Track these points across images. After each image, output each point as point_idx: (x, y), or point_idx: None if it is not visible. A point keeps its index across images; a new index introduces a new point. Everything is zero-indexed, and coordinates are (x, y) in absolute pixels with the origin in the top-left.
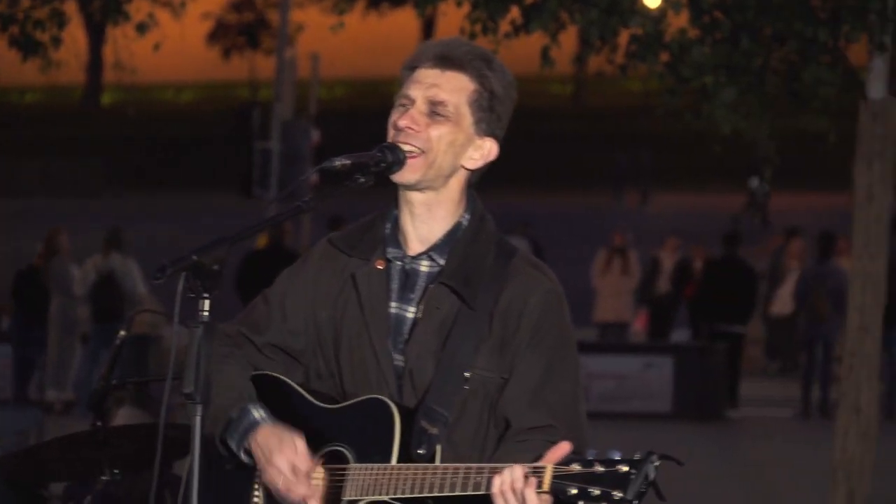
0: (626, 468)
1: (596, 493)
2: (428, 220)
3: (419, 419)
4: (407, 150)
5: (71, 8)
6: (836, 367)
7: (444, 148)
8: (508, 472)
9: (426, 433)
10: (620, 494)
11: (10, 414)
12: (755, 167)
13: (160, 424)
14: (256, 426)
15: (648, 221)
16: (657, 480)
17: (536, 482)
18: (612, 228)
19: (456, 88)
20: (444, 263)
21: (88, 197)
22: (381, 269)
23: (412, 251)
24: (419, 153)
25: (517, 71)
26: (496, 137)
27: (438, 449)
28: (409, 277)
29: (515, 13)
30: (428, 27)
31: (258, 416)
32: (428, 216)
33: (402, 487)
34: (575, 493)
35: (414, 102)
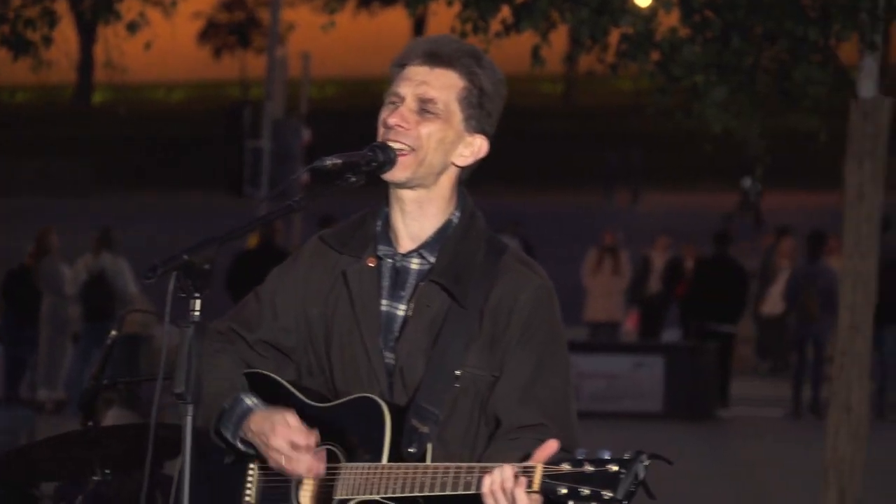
0: (615, 468)
1: (586, 492)
2: (419, 217)
3: (410, 418)
4: (397, 147)
5: (62, 7)
6: (827, 366)
7: (434, 145)
8: (498, 471)
9: (417, 432)
10: (610, 494)
11: (0, 413)
12: (747, 166)
13: (151, 424)
14: (249, 413)
15: (639, 221)
16: (647, 480)
17: (526, 482)
18: (602, 228)
19: (445, 86)
20: (434, 261)
21: (79, 196)
22: (372, 266)
23: (403, 249)
24: (409, 151)
25: (508, 70)
26: (486, 134)
27: (429, 447)
28: (399, 275)
29: (506, 12)
30: (419, 26)
31: (251, 402)
32: (419, 213)
33: (392, 487)
34: (565, 492)
35: (403, 100)
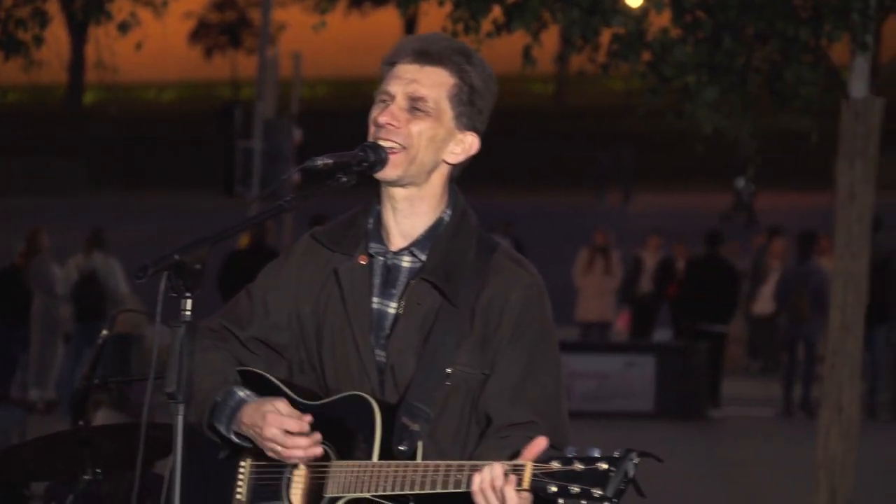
0: (605, 466)
1: (576, 490)
2: (410, 215)
3: (400, 415)
4: (388, 146)
5: (53, 7)
6: (818, 366)
7: (424, 143)
8: (488, 469)
9: (407, 430)
10: (600, 492)
11: None
12: (739, 167)
13: (142, 423)
14: (242, 405)
15: (630, 221)
16: (637, 478)
17: (516, 480)
18: (593, 228)
19: (435, 83)
20: (425, 259)
21: (70, 196)
22: (363, 264)
23: (394, 246)
24: (400, 149)
25: (499, 70)
26: (477, 131)
27: (420, 445)
28: (390, 273)
29: (497, 12)
30: (410, 26)
31: (243, 394)
32: (410, 211)
33: (383, 484)
34: (555, 490)
35: (394, 98)
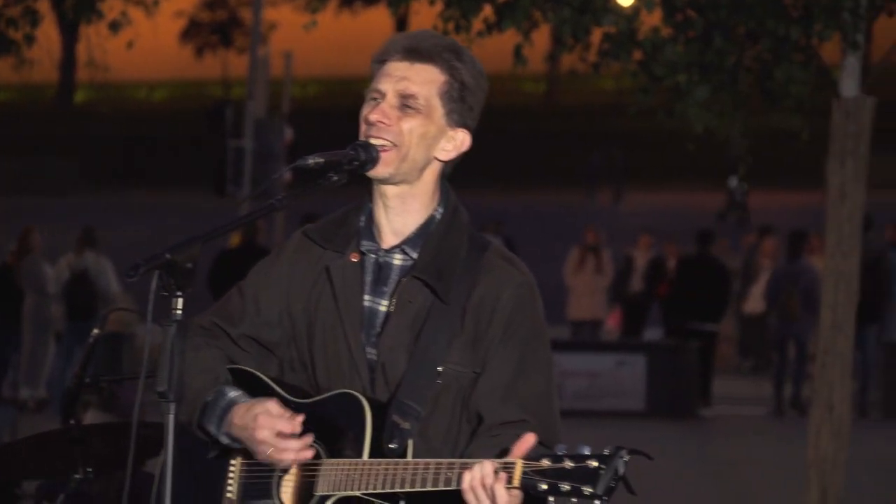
0: (595, 463)
1: (566, 488)
2: (402, 212)
3: (391, 413)
4: (379, 144)
5: (44, 6)
6: (809, 365)
7: (416, 141)
8: (478, 467)
9: (398, 427)
10: (590, 490)
11: None
12: (731, 166)
13: (133, 422)
14: (232, 406)
15: (621, 220)
16: (627, 475)
17: (506, 478)
18: (584, 227)
19: (426, 80)
20: (416, 257)
21: (61, 195)
22: (355, 261)
23: (386, 244)
24: (391, 147)
25: (490, 69)
26: (468, 128)
27: (410, 443)
28: (382, 270)
29: (488, 11)
30: (401, 25)
31: (233, 395)
32: (402, 209)
33: (373, 482)
34: (545, 488)
35: (384, 96)
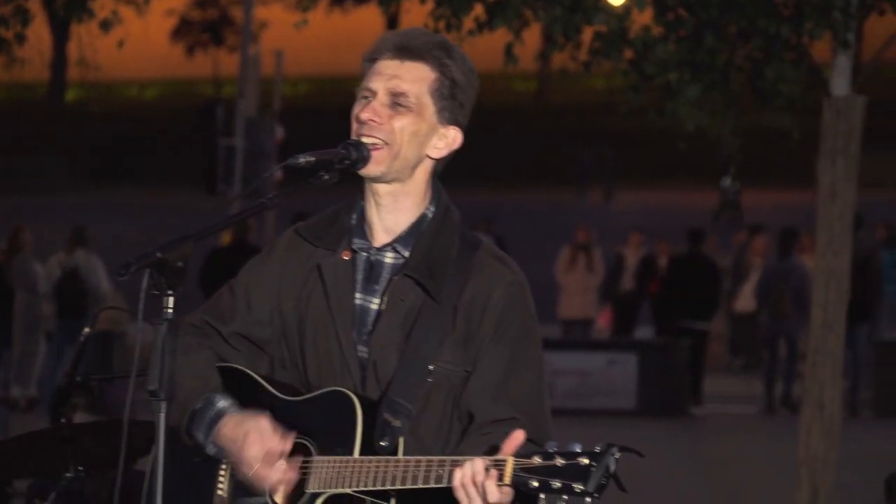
0: (586, 461)
1: (557, 485)
2: (394, 210)
3: (382, 411)
4: (370, 142)
5: (35, 5)
6: (800, 363)
7: (407, 138)
8: (469, 464)
9: (389, 425)
10: (581, 487)
11: None
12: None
13: (124, 421)
14: (221, 417)
15: (612, 219)
16: (618, 473)
17: (497, 475)
18: (575, 225)
19: (417, 78)
20: (408, 255)
21: (52, 194)
22: (346, 259)
23: (378, 242)
24: (383, 145)
25: (480, 67)
26: (460, 125)
27: (401, 441)
28: (373, 269)
29: (479, 10)
30: (392, 24)
31: (222, 405)
32: (394, 207)
33: (364, 480)
34: (536, 485)
35: (376, 94)
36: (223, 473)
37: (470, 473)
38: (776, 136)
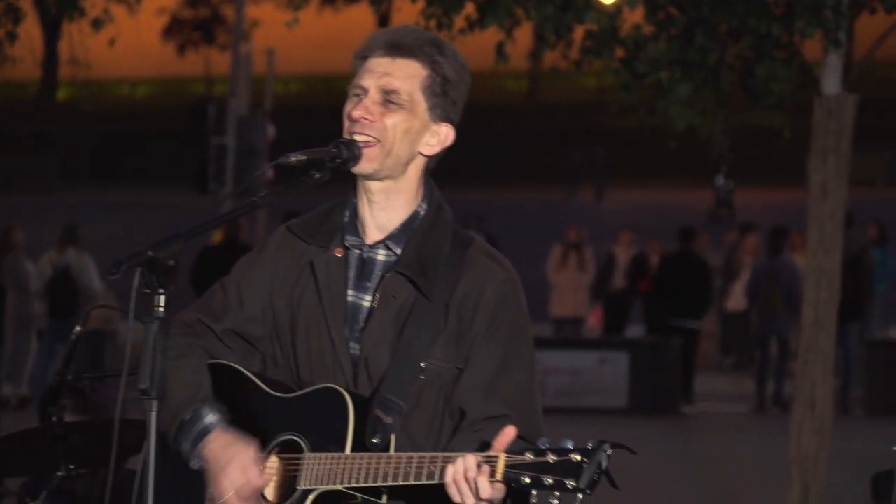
0: (578, 457)
1: (549, 481)
2: (386, 207)
3: (374, 408)
4: (363, 140)
5: (26, 4)
6: (791, 362)
7: (399, 136)
8: (461, 461)
9: (380, 422)
10: (573, 483)
11: None
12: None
13: (115, 420)
14: (208, 433)
15: (603, 217)
16: (610, 469)
17: (489, 471)
18: (566, 224)
19: (408, 75)
20: (400, 253)
21: (44, 192)
22: (339, 256)
23: (370, 239)
24: (375, 142)
25: (472, 66)
26: (452, 122)
27: (393, 438)
28: (365, 266)
29: (470, 9)
30: (383, 23)
31: (210, 420)
32: (386, 204)
33: (355, 476)
34: (528, 482)
35: (367, 92)
36: None
37: (462, 469)
38: (767, 134)
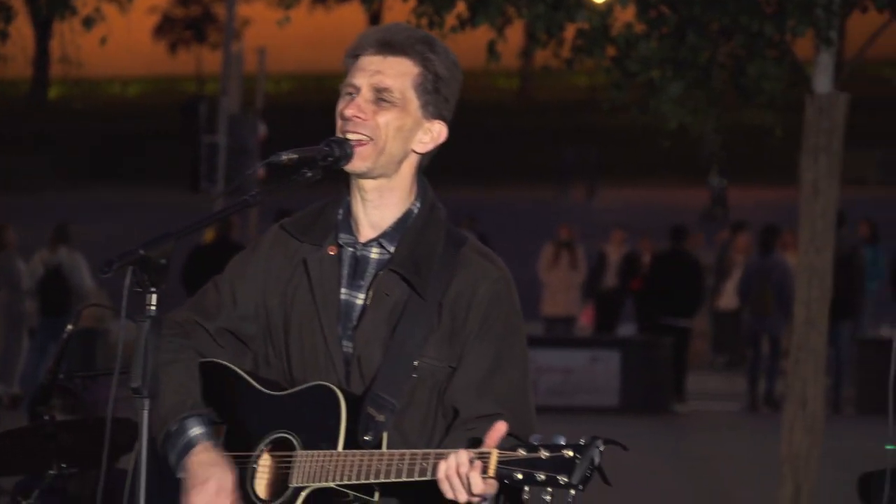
0: (571, 453)
1: (541, 477)
2: (380, 206)
3: (366, 406)
4: (356, 138)
5: (17, 2)
6: (783, 360)
7: (392, 134)
8: (454, 456)
9: (373, 420)
10: (566, 479)
11: None
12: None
13: (107, 419)
14: (193, 446)
15: (594, 216)
16: (602, 465)
17: (482, 467)
18: (557, 223)
19: (400, 73)
20: (393, 251)
21: (35, 191)
22: (332, 254)
23: (363, 237)
24: (368, 141)
25: (463, 65)
26: (444, 119)
27: (385, 436)
28: (358, 264)
29: (461, 7)
30: (374, 21)
31: (194, 433)
32: (380, 202)
33: (347, 473)
34: (520, 478)
35: (359, 91)
36: None
37: (454, 465)
38: (759, 133)
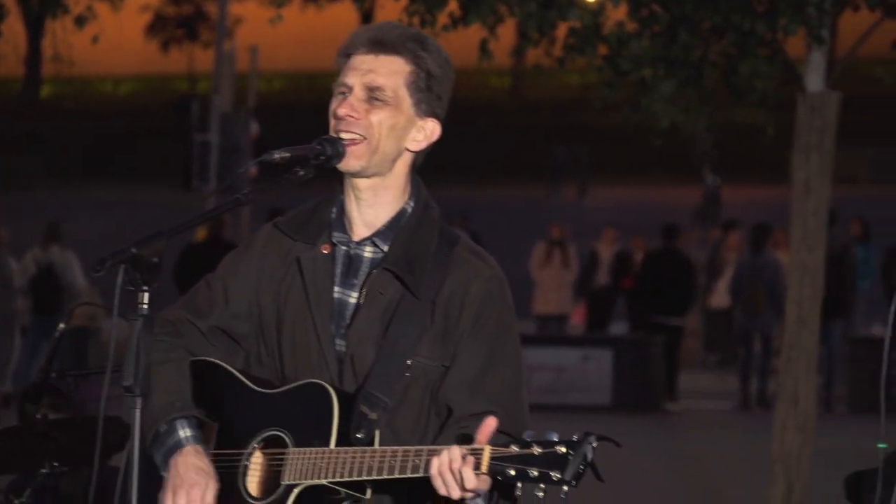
0: (563, 449)
1: (534, 473)
2: (374, 204)
3: (359, 404)
4: (349, 137)
5: (9, 1)
6: (774, 359)
7: (385, 132)
8: (446, 452)
9: (365, 418)
10: (558, 475)
11: None
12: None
13: (99, 417)
14: (179, 450)
15: (586, 215)
16: (595, 462)
17: (475, 462)
18: (549, 221)
19: (392, 72)
20: (387, 250)
21: (27, 190)
22: (326, 253)
23: (357, 236)
24: (361, 140)
25: (455, 63)
26: (437, 117)
27: (377, 434)
28: (352, 262)
29: (453, 6)
30: (366, 20)
31: (182, 435)
32: (374, 201)
33: (340, 471)
34: (513, 474)
35: (352, 90)
36: None
37: (447, 461)
38: (751, 131)
